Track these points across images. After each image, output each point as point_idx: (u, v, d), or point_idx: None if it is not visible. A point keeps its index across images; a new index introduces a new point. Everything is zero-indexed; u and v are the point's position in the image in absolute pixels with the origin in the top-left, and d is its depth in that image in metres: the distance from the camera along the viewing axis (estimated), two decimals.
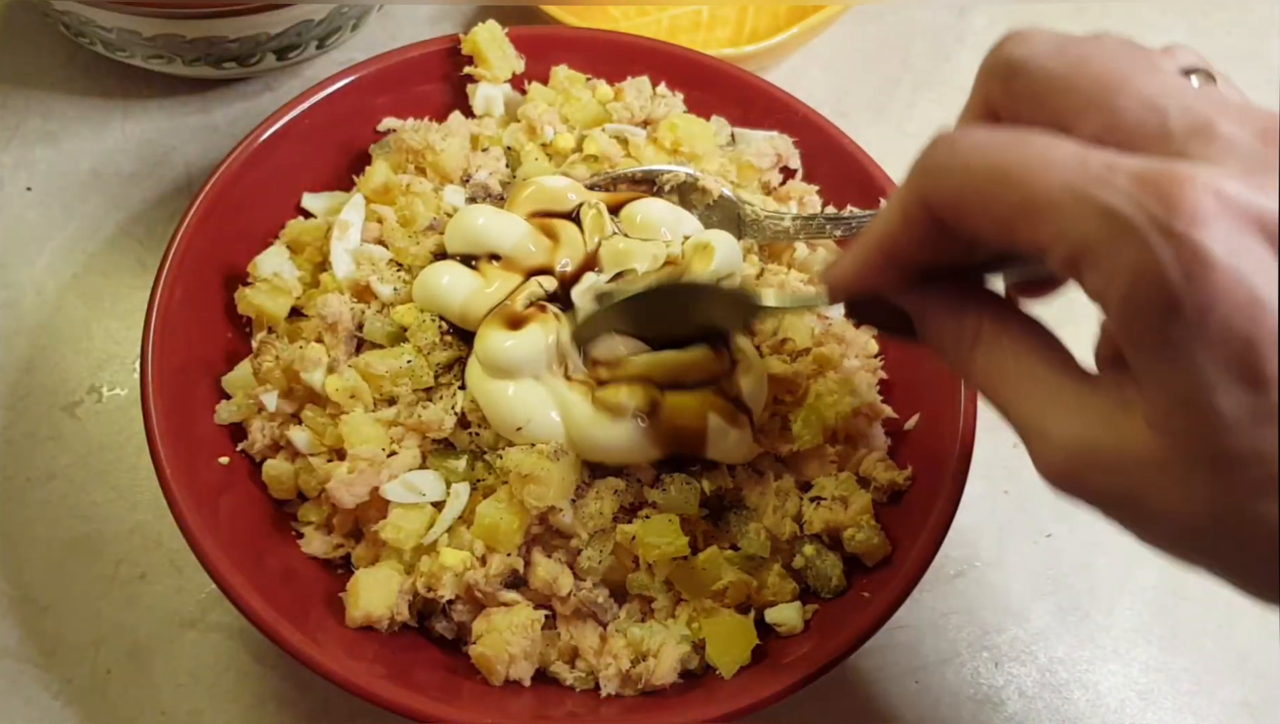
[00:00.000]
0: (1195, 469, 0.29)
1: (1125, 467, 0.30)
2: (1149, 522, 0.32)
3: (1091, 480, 0.32)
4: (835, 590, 0.48)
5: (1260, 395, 0.27)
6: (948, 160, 0.32)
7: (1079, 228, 0.29)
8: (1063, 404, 0.32)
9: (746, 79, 0.59)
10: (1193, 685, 0.55)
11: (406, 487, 0.47)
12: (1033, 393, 0.33)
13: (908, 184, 0.33)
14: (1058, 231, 0.29)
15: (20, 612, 0.51)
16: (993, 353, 0.34)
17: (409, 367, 0.49)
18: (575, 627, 0.47)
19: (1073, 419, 0.32)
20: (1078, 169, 0.29)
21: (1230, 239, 0.27)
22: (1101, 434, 0.31)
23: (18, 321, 0.58)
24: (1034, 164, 0.29)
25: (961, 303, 0.36)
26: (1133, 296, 0.28)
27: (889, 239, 0.35)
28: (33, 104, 0.65)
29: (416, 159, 0.55)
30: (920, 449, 0.51)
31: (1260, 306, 0.27)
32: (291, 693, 0.50)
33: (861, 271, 0.37)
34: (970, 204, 0.31)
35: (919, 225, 0.33)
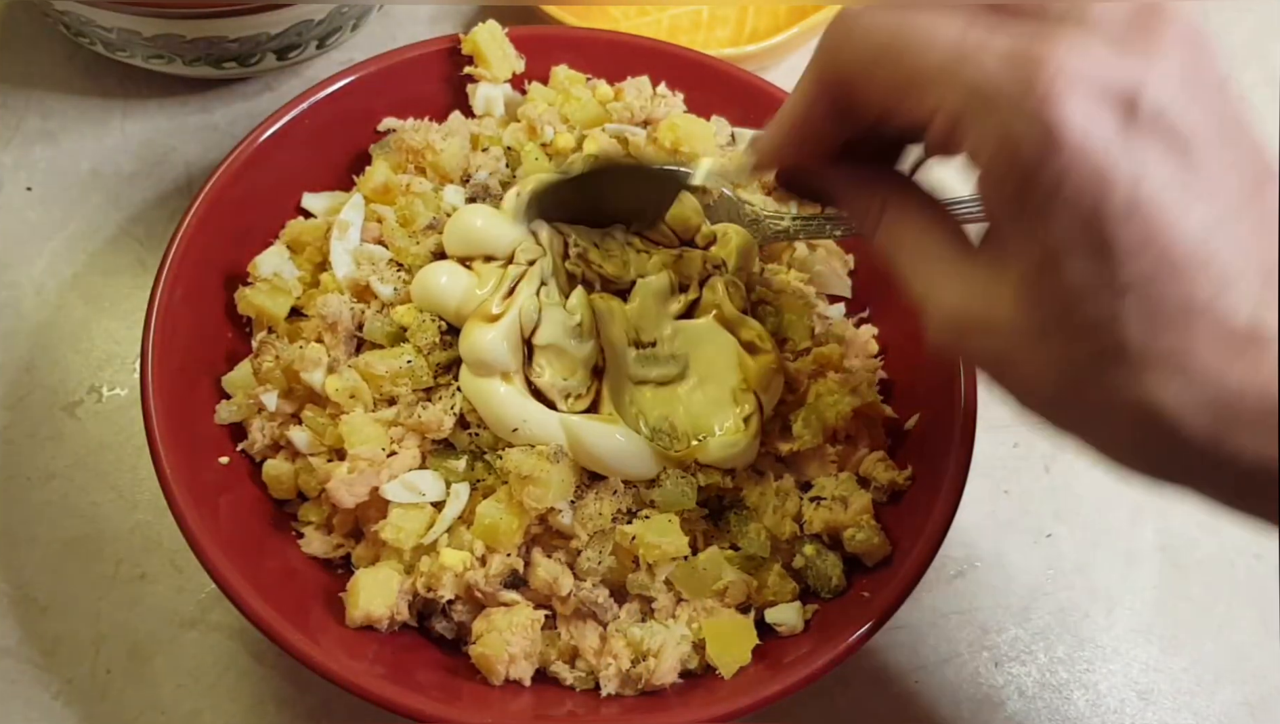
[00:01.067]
0: (1048, 335, 0.31)
1: (995, 332, 0.32)
2: (1017, 385, 0.34)
3: (969, 345, 0.34)
4: (835, 590, 0.48)
5: (1105, 265, 0.29)
6: (844, 37, 0.34)
7: (951, 101, 0.31)
8: (950, 275, 0.34)
9: (746, 79, 0.59)
10: (1193, 685, 0.55)
11: (406, 487, 0.47)
12: (926, 265, 0.35)
13: (813, 62, 0.36)
14: (934, 104, 0.31)
15: (20, 612, 0.51)
16: (894, 228, 0.37)
17: (409, 367, 0.49)
18: (575, 627, 0.47)
19: (956, 288, 0.34)
20: (955, 45, 0.31)
21: (1081, 113, 0.28)
22: (978, 302, 0.33)
23: (18, 322, 0.59)
24: (918, 40, 0.32)
25: (870, 181, 0.38)
26: (994, 168, 0.30)
27: (798, 114, 0.38)
28: (33, 104, 0.65)
29: (416, 159, 0.55)
30: (920, 449, 0.51)
31: (1108, 179, 0.28)
32: (291, 693, 0.51)
33: (780, 146, 0.39)
34: (862, 78, 0.33)
35: (822, 100, 0.36)
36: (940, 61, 0.31)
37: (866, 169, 0.39)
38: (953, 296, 0.34)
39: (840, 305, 0.57)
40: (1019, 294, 0.31)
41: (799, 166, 0.40)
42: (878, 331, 0.55)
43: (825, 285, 0.56)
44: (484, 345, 0.47)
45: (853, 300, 0.57)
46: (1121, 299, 0.29)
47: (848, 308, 0.57)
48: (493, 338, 0.47)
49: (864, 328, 0.55)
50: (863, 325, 0.55)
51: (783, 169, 0.41)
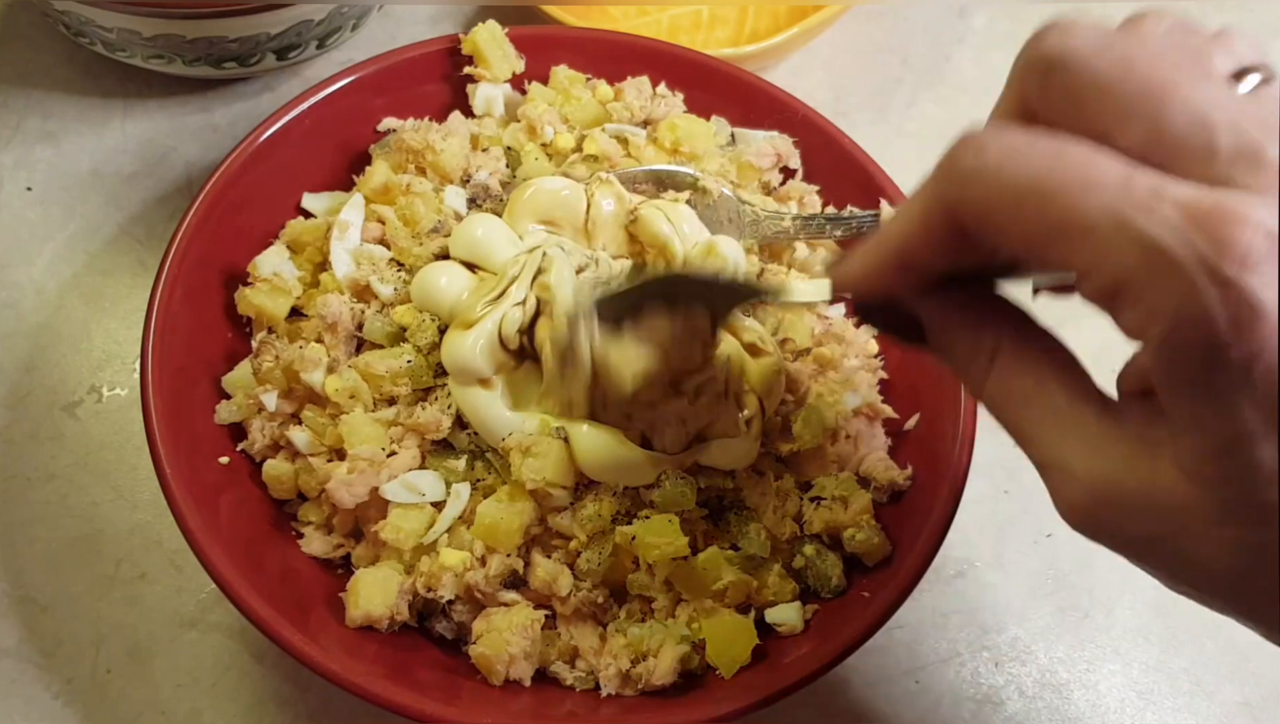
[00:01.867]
0: (1229, 519, 0.28)
1: (1153, 510, 0.29)
2: (1177, 568, 0.31)
3: (1116, 522, 0.31)
4: (835, 590, 0.48)
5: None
6: (978, 166, 0.29)
7: (1119, 259, 0.27)
8: (1085, 438, 0.30)
9: (746, 79, 0.59)
10: (1193, 685, 0.55)
11: (406, 487, 0.47)
12: (1052, 424, 0.31)
13: (931, 187, 0.31)
14: (1096, 259, 0.27)
15: (20, 612, 0.51)
16: (1010, 376, 0.32)
17: (409, 367, 0.49)
18: (575, 627, 0.47)
19: (1096, 455, 0.30)
20: (1121, 192, 0.27)
21: None
22: (1127, 474, 0.29)
23: (18, 322, 0.59)
24: (1074, 181, 0.27)
25: (979, 316, 0.33)
26: (1174, 339, 0.26)
27: (906, 243, 0.33)
28: (33, 104, 0.65)
29: (416, 159, 0.55)
30: (920, 449, 0.51)
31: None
32: (291, 693, 0.51)
33: (873, 274, 0.34)
34: (1000, 218, 0.29)
35: (940, 232, 0.31)
36: (1105, 209, 0.27)
37: (972, 302, 0.34)
38: (1093, 465, 0.30)
39: (840, 305, 0.57)
40: (1190, 473, 0.28)
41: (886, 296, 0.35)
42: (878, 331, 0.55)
43: None
44: (461, 351, 0.47)
45: None
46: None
47: (848, 308, 0.57)
48: (470, 344, 0.47)
49: (864, 328, 0.55)
50: (863, 325, 0.55)
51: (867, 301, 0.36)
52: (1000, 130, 0.29)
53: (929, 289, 0.34)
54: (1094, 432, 0.30)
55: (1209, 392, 0.27)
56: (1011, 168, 0.28)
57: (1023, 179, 0.28)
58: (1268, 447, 0.27)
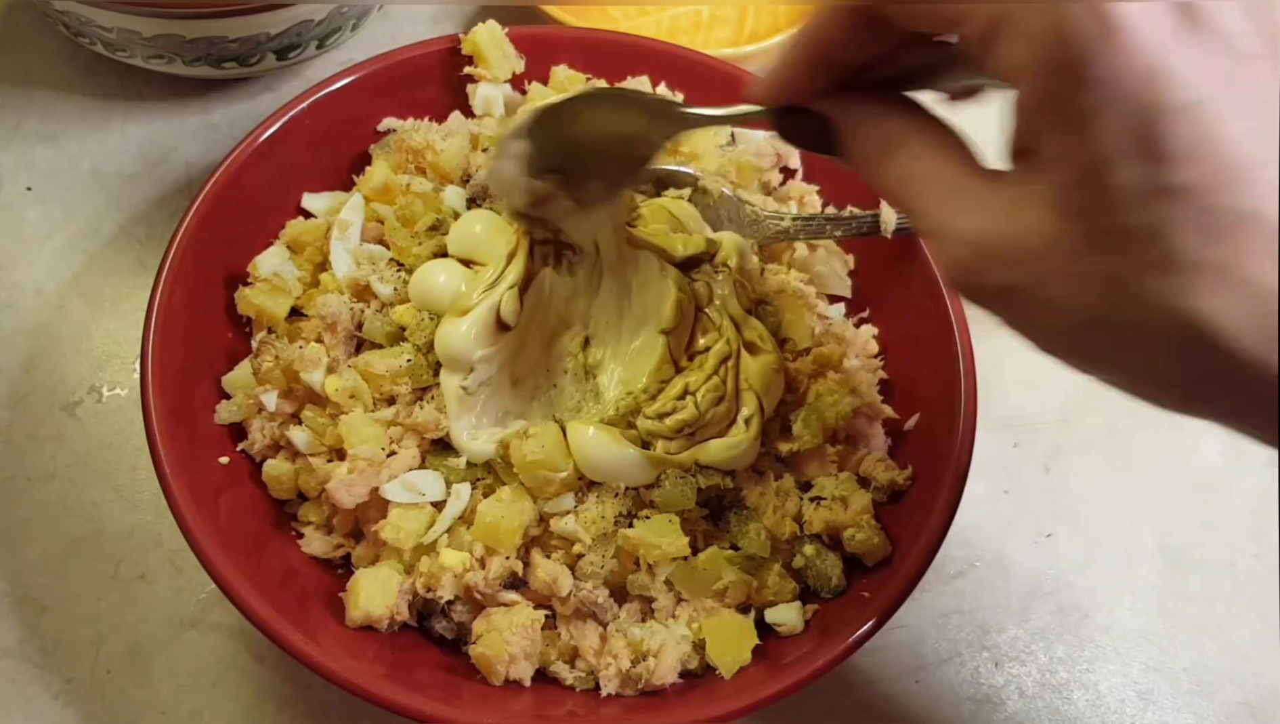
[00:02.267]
0: (1089, 249, 0.29)
1: (1023, 256, 0.30)
2: (1042, 313, 0.31)
3: (989, 273, 0.31)
4: (835, 590, 0.48)
5: (1157, 168, 0.27)
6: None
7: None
8: (969, 202, 0.32)
9: (746, 79, 0.59)
10: (1193, 685, 0.55)
11: (406, 486, 0.47)
12: (941, 193, 0.33)
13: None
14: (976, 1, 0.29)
15: (20, 612, 0.51)
16: (906, 158, 0.34)
17: (409, 366, 0.49)
18: (575, 627, 0.47)
19: (977, 215, 0.32)
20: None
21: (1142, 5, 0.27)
22: (1004, 226, 0.31)
23: (18, 322, 0.59)
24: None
25: (883, 110, 0.36)
26: (1043, 62, 0.28)
27: (819, 31, 0.35)
28: (33, 104, 0.65)
29: (416, 159, 0.55)
30: (920, 449, 0.51)
31: (1164, 74, 0.27)
32: (291, 693, 0.50)
33: (789, 71, 0.37)
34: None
35: (849, 11, 0.34)
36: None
37: (876, 98, 0.36)
38: (974, 224, 0.32)
39: (840, 305, 0.57)
40: (1055, 209, 0.29)
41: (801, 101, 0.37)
42: (878, 331, 0.55)
43: (825, 285, 0.56)
44: (455, 337, 0.47)
45: (853, 300, 0.57)
46: (1172, 205, 0.27)
47: (848, 308, 0.57)
48: (464, 330, 0.47)
49: (864, 328, 0.55)
50: (863, 325, 0.55)
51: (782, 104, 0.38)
52: None
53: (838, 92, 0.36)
54: (977, 195, 0.32)
55: (1074, 113, 0.28)
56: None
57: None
58: (1129, 167, 0.28)
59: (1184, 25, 0.27)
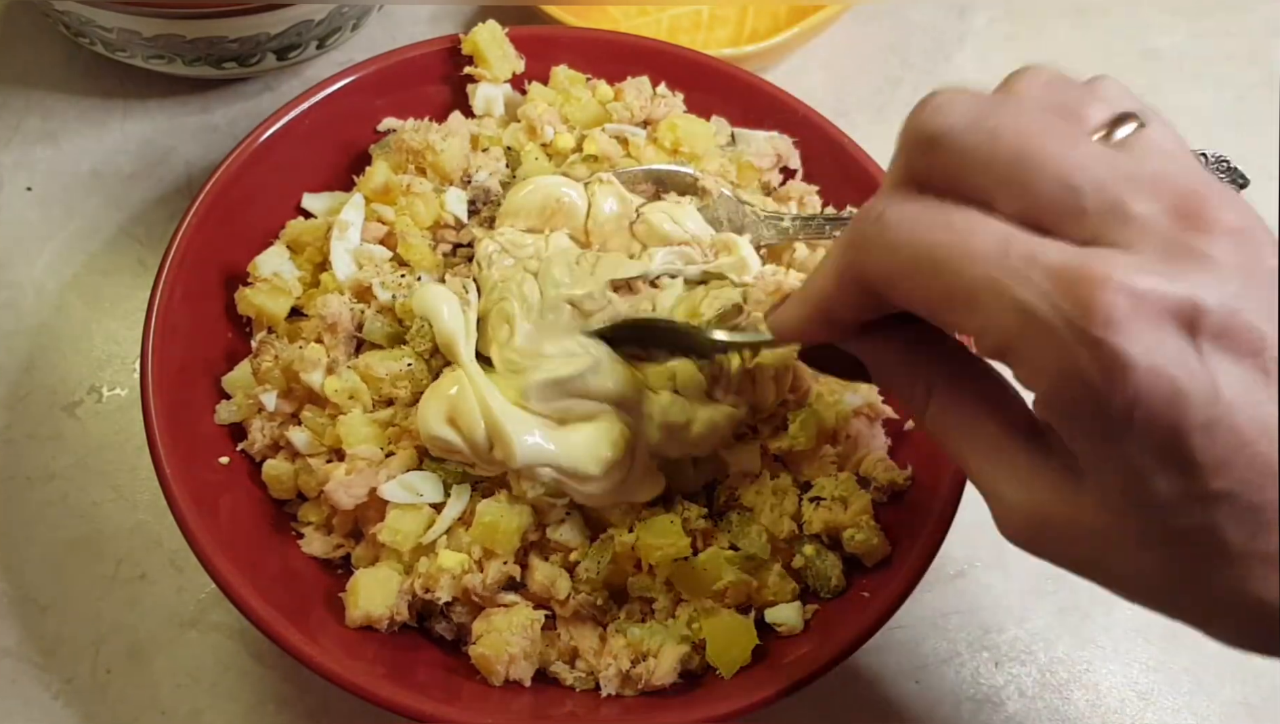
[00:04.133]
0: (1147, 543, 0.30)
1: (1082, 536, 0.31)
2: (1113, 582, 0.33)
3: (1052, 546, 0.33)
4: (835, 590, 0.48)
5: (1193, 480, 0.28)
6: (876, 237, 0.32)
7: (1001, 323, 0.29)
8: (1015, 470, 0.33)
9: (746, 79, 0.59)
10: (1193, 685, 0.55)
11: (404, 487, 0.47)
12: (987, 455, 0.34)
13: (840, 253, 0.34)
14: (982, 324, 0.30)
15: (20, 612, 0.51)
16: (946, 410, 0.35)
17: (409, 370, 0.49)
18: (575, 627, 0.47)
19: (1026, 487, 0.32)
20: (998, 261, 0.29)
21: (1146, 337, 0.27)
22: (1054, 504, 0.32)
23: (18, 321, 0.59)
24: (957, 252, 0.30)
25: (914, 355, 0.36)
26: (1058, 394, 0.29)
27: (825, 301, 0.35)
28: (33, 104, 0.65)
29: (417, 159, 0.55)
30: (920, 449, 0.51)
31: (1181, 397, 0.27)
32: (291, 693, 0.51)
33: (804, 325, 0.37)
34: (899, 284, 0.32)
35: (853, 293, 0.34)
36: (983, 279, 0.29)
37: (906, 343, 0.36)
38: (1025, 497, 0.32)
39: None
40: (1105, 507, 0.30)
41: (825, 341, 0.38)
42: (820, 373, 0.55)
43: None
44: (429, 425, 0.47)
45: None
46: (1216, 508, 0.29)
47: None
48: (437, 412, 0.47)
49: None
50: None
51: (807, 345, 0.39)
52: (894, 199, 0.32)
53: (865, 330, 0.36)
54: (1023, 464, 0.33)
55: (1100, 438, 0.29)
56: (905, 238, 0.31)
57: (914, 250, 0.31)
58: (1160, 480, 0.29)
59: (1192, 337, 0.28)
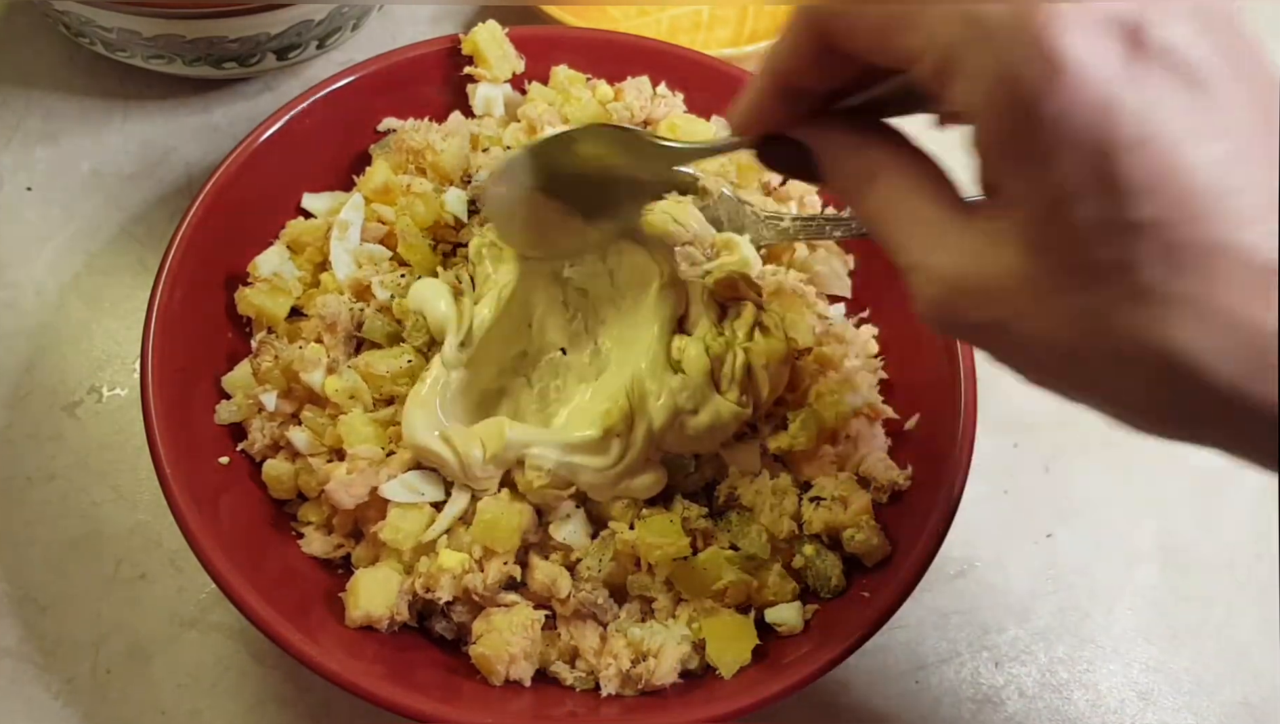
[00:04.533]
0: (1060, 286, 0.29)
1: (996, 293, 0.30)
2: (1020, 348, 0.31)
3: (965, 311, 0.31)
4: (835, 590, 0.48)
5: (1118, 204, 0.27)
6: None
7: (945, 32, 0.29)
8: (943, 239, 0.32)
9: (746, 79, 0.59)
10: (1193, 685, 0.55)
11: (405, 486, 0.47)
12: (917, 231, 0.33)
13: (795, 8, 0.33)
14: (926, 38, 0.29)
15: (20, 612, 0.51)
16: (884, 192, 0.34)
17: (409, 367, 0.49)
18: (575, 627, 0.47)
19: (950, 253, 0.32)
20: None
21: (1086, 43, 0.26)
22: (975, 264, 0.31)
23: (18, 321, 0.59)
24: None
25: (860, 139, 0.35)
26: (994, 103, 0.28)
27: (780, 62, 0.35)
28: (33, 104, 0.65)
29: (417, 159, 0.55)
30: (920, 449, 0.51)
31: (1115, 111, 0.27)
32: (291, 693, 0.51)
33: (759, 102, 0.37)
34: (848, 16, 0.31)
35: (805, 44, 0.33)
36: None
37: (854, 127, 0.36)
38: (947, 262, 0.32)
39: (840, 305, 0.57)
40: (1023, 246, 0.29)
41: (779, 129, 0.37)
42: (878, 331, 0.55)
43: (825, 285, 0.56)
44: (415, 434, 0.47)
45: (853, 300, 0.57)
46: (1137, 239, 0.27)
47: (848, 308, 0.57)
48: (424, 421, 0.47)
49: (864, 328, 0.55)
50: (863, 325, 0.55)
51: (763, 134, 0.38)
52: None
53: (814, 119, 0.36)
54: (951, 233, 0.32)
55: (1029, 153, 0.28)
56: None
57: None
58: (1085, 204, 0.27)
59: (1134, 56, 0.27)
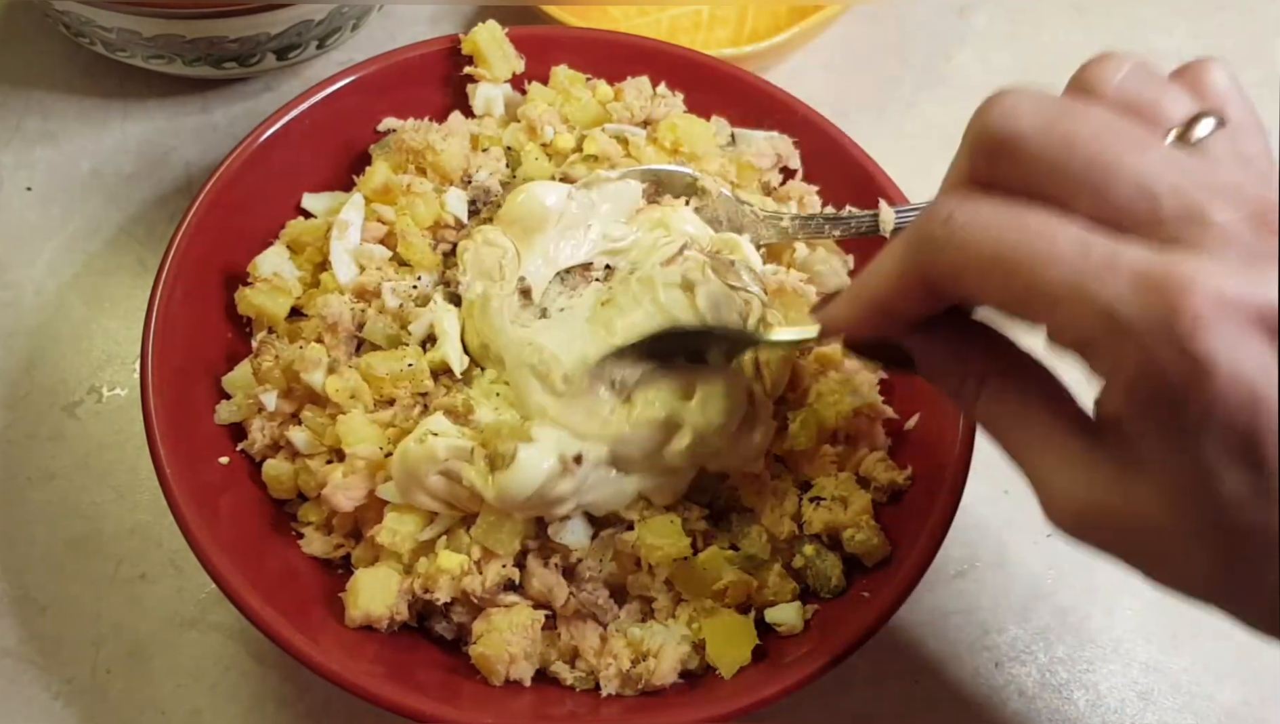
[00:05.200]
0: (1199, 541, 0.30)
1: (1134, 529, 0.32)
2: (1161, 575, 0.33)
3: (1101, 537, 0.33)
4: (835, 590, 0.48)
5: (1261, 477, 0.28)
6: (946, 237, 0.31)
7: (1082, 324, 0.29)
8: (1067, 460, 0.33)
9: (746, 79, 0.59)
10: (1193, 685, 0.55)
11: None
12: (1038, 447, 0.34)
13: (904, 251, 0.33)
14: (1061, 324, 0.30)
15: (20, 612, 0.51)
16: (997, 404, 0.35)
17: (410, 370, 0.49)
18: (575, 627, 0.47)
19: (1078, 478, 0.32)
20: (1079, 262, 0.29)
21: (1230, 340, 0.28)
22: (1107, 496, 0.32)
23: (18, 321, 0.59)
24: (1037, 254, 0.30)
25: (964, 347, 0.36)
26: (1138, 393, 0.29)
27: (883, 297, 0.35)
28: (33, 104, 0.65)
29: (417, 159, 0.55)
30: (920, 449, 0.51)
31: (1260, 401, 0.28)
32: (291, 693, 0.50)
33: (855, 321, 0.37)
34: (970, 285, 0.31)
35: (915, 290, 0.34)
36: (1064, 280, 0.29)
37: (957, 335, 0.36)
38: (1076, 487, 0.32)
39: None
40: (1164, 500, 0.30)
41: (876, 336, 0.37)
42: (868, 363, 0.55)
43: (825, 285, 0.56)
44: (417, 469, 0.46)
45: None
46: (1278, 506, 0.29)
47: None
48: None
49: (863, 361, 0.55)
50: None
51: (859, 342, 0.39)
52: (966, 200, 0.32)
53: (914, 325, 0.36)
54: (1076, 454, 0.33)
55: (1174, 434, 0.29)
56: (978, 240, 0.31)
57: (988, 251, 0.30)
58: (1229, 479, 0.29)
59: (1268, 347, 0.28)
